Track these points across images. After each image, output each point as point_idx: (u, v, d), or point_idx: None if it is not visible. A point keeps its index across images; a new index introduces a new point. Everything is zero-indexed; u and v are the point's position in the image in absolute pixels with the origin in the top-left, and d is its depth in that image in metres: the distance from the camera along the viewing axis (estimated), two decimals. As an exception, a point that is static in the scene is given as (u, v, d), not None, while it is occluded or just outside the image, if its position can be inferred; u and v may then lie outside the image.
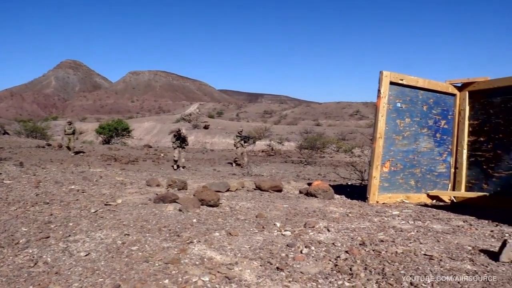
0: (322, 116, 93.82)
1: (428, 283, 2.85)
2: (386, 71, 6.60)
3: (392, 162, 6.82)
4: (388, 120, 6.71)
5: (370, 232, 4.35)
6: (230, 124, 61.80)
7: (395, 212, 5.69)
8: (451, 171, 7.42)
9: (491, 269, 3.18)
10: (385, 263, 3.26)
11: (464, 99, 7.38)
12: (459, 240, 4.10)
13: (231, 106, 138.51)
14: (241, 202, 5.93)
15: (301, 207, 5.76)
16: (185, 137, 16.71)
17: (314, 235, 4.10)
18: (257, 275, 2.95)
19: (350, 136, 48.72)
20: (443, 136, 7.36)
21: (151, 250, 3.44)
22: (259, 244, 3.73)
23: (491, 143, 6.91)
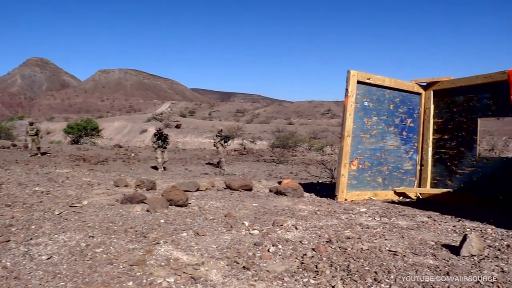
0: (294, 115, 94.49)
1: (391, 279, 2.90)
2: (354, 70, 6.69)
3: (360, 160, 6.94)
4: (355, 118, 6.81)
5: (337, 229, 4.41)
6: (202, 123, 61.48)
7: (362, 209, 5.78)
8: (417, 168, 7.60)
9: (452, 263, 3.27)
10: (351, 259, 3.31)
11: (429, 98, 7.58)
12: (423, 236, 4.20)
13: (204, 105, 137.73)
14: (211, 201, 5.91)
15: (270, 205, 5.78)
16: (167, 136, 16.07)
17: (282, 234, 4.12)
18: (223, 275, 2.94)
19: (321, 135, 49.22)
20: (409, 134, 7.53)
21: (116, 252, 3.38)
22: (226, 243, 3.72)
23: (455, 141, 7.12)
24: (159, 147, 15.35)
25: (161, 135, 15.60)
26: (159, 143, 15.39)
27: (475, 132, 6.87)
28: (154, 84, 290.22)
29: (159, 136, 15.55)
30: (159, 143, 15.38)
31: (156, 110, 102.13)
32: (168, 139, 16.17)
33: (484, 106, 6.76)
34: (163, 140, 15.53)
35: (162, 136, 15.59)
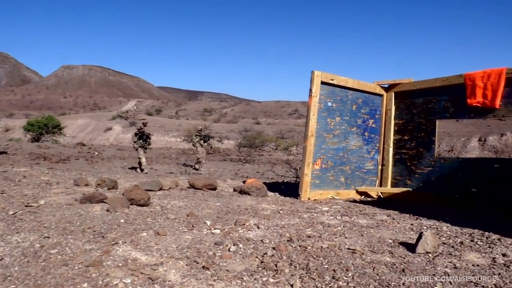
0: (261, 115, 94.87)
1: (349, 276, 2.95)
2: (318, 71, 6.77)
3: (323, 159, 7.03)
4: (319, 119, 6.90)
5: (299, 228, 4.45)
6: (169, 122, 60.76)
7: (324, 208, 5.86)
8: (378, 168, 7.77)
9: (407, 260, 3.36)
10: (310, 258, 3.34)
11: (390, 100, 7.76)
12: (382, 234, 4.30)
13: (170, 103, 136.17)
14: (173, 201, 5.84)
15: (234, 205, 5.77)
16: (149, 135, 14.92)
17: (243, 233, 4.12)
18: (182, 275, 2.91)
19: (288, 135, 49.64)
20: (371, 135, 7.69)
21: (72, 253, 3.28)
22: (187, 243, 3.68)
23: (414, 142, 7.32)
24: (141, 147, 14.32)
25: (142, 134, 14.53)
26: (141, 143, 14.35)
27: (434, 133, 7.09)
28: (119, 81, 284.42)
29: (141, 135, 14.47)
30: (140, 142, 14.34)
31: (122, 108, 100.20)
32: (150, 138, 15.12)
33: (442, 108, 6.98)
34: (144, 140, 14.52)
35: (143, 135, 14.55)
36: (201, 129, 17.60)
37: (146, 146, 14.53)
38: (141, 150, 14.22)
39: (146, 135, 14.59)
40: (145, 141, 14.52)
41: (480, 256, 3.54)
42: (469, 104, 6.48)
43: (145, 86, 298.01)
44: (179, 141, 44.16)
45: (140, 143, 14.33)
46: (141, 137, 14.43)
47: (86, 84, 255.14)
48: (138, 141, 14.35)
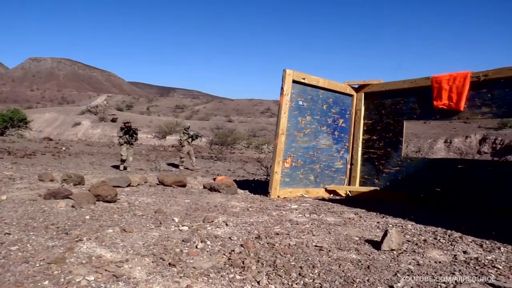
0: (234, 113, 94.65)
1: (315, 273, 2.98)
2: (289, 70, 6.81)
3: (293, 158, 7.07)
4: (290, 117, 6.94)
5: (267, 225, 4.46)
6: (140, 118, 59.82)
7: (293, 206, 5.90)
8: (347, 167, 7.89)
9: (373, 258, 3.41)
10: (278, 255, 3.35)
11: (360, 100, 7.89)
12: (349, 232, 4.36)
13: (142, 99, 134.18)
14: (141, 197, 5.76)
15: (203, 202, 5.74)
16: (136, 130, 14.03)
17: (211, 230, 4.10)
18: (148, 272, 2.87)
19: (260, 133, 49.77)
20: (341, 134, 7.79)
21: (34, 250, 3.18)
22: (154, 240, 3.63)
23: (383, 142, 7.47)
24: (126, 142, 13.48)
25: (129, 129, 13.65)
26: (126, 138, 13.49)
27: (401, 134, 7.26)
28: (89, 75, 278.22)
29: (127, 130, 13.58)
30: (126, 138, 13.49)
31: (91, 103, 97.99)
32: (137, 134, 14.18)
33: (410, 110, 7.15)
34: (131, 135, 13.62)
35: (130, 131, 13.65)
36: (188, 126, 16.78)
37: (132, 142, 13.71)
38: (124, 146, 13.46)
39: (133, 130, 13.79)
40: (131, 136, 13.70)
41: (443, 253, 3.64)
42: (435, 106, 6.66)
43: (116, 81, 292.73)
44: (150, 138, 43.56)
45: (126, 138, 13.57)
46: (127, 132, 13.63)
47: (54, 77, 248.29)
48: (124, 136, 13.58)
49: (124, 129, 13.66)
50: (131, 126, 13.89)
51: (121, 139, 13.60)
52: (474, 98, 6.30)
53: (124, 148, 13.43)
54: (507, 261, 3.42)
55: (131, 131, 13.70)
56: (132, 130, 13.76)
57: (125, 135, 13.59)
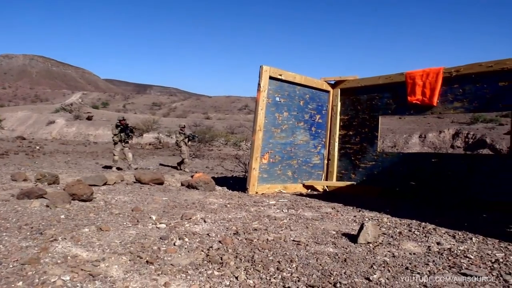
0: (211, 110, 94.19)
1: (293, 267, 3.00)
2: (266, 66, 6.82)
3: (271, 154, 7.10)
4: (267, 113, 6.96)
5: (246, 221, 4.47)
6: (116, 116, 58.91)
7: (271, 201, 5.93)
8: (324, 162, 7.97)
9: (349, 251, 3.47)
10: (256, 250, 3.37)
11: (336, 96, 7.97)
12: (326, 226, 4.41)
13: (118, 96, 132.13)
14: (118, 196, 5.69)
15: (181, 199, 5.71)
16: (133, 128, 13.14)
17: (189, 227, 4.08)
18: (125, 270, 2.84)
19: (238, 130, 49.65)
20: (317, 130, 7.86)
21: (7, 250, 3.11)
22: (131, 238, 3.60)
23: (359, 137, 7.57)
24: (121, 141, 12.56)
25: (125, 126, 12.67)
26: (122, 136, 12.55)
27: (377, 129, 7.37)
28: (63, 72, 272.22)
29: (123, 127, 12.59)
30: (121, 136, 12.55)
31: (66, 101, 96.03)
32: (134, 132, 13.48)
33: (385, 105, 7.26)
34: (127, 133, 12.68)
35: (126, 128, 12.69)
36: (184, 126, 15.86)
37: (127, 140, 12.82)
38: (119, 145, 12.62)
39: (130, 129, 12.87)
40: (127, 135, 12.77)
41: (417, 245, 3.72)
42: (409, 101, 6.78)
43: (91, 78, 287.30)
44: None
45: (121, 136, 12.64)
46: (123, 130, 12.69)
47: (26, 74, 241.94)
48: (119, 134, 12.65)
49: (120, 126, 12.73)
50: (127, 124, 12.99)
51: (116, 137, 12.73)
52: (447, 93, 6.45)
53: (118, 148, 12.64)
54: (478, 251, 3.52)
55: (127, 129, 12.84)
56: (129, 128, 12.91)
57: (120, 133, 12.70)
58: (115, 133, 12.71)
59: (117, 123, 12.81)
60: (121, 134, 12.67)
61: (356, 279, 2.78)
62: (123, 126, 12.71)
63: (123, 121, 12.81)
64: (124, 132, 12.69)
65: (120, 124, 12.72)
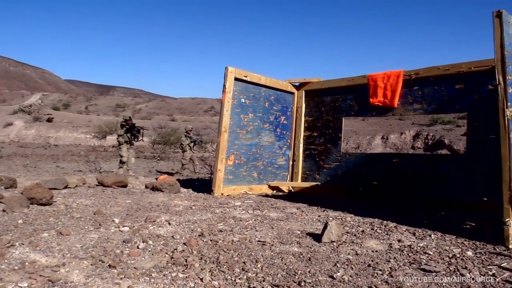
0: (177, 111, 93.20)
1: (258, 267, 3.01)
2: (231, 67, 6.83)
3: (237, 155, 7.11)
4: (232, 114, 6.96)
5: (211, 223, 4.45)
6: (78, 118, 57.43)
7: (237, 203, 5.93)
8: (289, 163, 8.05)
9: (314, 250, 3.51)
10: (221, 251, 3.36)
11: (301, 97, 8.07)
12: (291, 226, 4.45)
13: (80, 98, 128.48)
14: (80, 199, 5.54)
15: (145, 202, 5.62)
16: (140, 129, 12.15)
17: (154, 230, 4.03)
18: (86, 275, 2.77)
19: (204, 132, 49.35)
20: (283, 131, 7.93)
21: (-41, 257, 2.97)
22: (93, 242, 3.51)
23: (323, 138, 7.69)
24: (127, 142, 11.67)
25: (132, 126, 11.75)
26: (128, 137, 11.67)
27: (340, 130, 7.51)
28: (22, 72, 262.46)
29: (129, 127, 11.68)
30: (127, 137, 11.66)
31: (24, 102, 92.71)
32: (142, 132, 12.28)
33: (348, 107, 7.41)
34: (133, 134, 11.79)
35: (133, 129, 11.77)
36: (191, 129, 15.29)
37: (133, 142, 11.89)
38: (125, 146, 11.69)
39: (137, 129, 11.97)
40: (134, 135, 11.83)
41: (379, 242, 3.82)
42: (371, 103, 6.95)
43: (52, 79, 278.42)
44: (89, 138, 41.96)
45: (127, 137, 11.73)
46: (129, 130, 11.76)
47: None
48: (125, 135, 11.72)
49: (126, 126, 11.79)
50: (134, 124, 12.04)
51: (121, 138, 11.76)
52: (407, 95, 6.65)
53: (125, 148, 11.69)
54: (437, 247, 3.65)
55: (133, 129, 11.86)
56: (136, 128, 11.93)
57: (126, 134, 11.75)
58: (120, 134, 11.77)
59: (122, 123, 11.88)
60: (127, 135, 11.75)
61: (320, 278, 2.82)
62: (130, 126, 11.77)
63: (129, 120, 11.88)
64: (130, 133, 11.77)
65: (125, 124, 11.78)
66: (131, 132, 11.76)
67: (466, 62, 6.00)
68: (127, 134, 11.73)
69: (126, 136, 11.71)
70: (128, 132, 11.74)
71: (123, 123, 11.80)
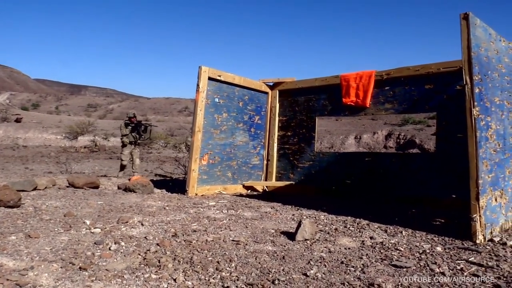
0: (150, 112, 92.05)
1: (232, 267, 3.01)
2: (205, 67, 6.79)
3: (210, 155, 7.07)
4: (206, 114, 6.92)
5: (185, 223, 4.42)
6: (48, 118, 55.97)
7: (211, 203, 5.90)
8: (264, 163, 8.06)
9: (288, 248, 3.53)
10: (195, 251, 3.34)
11: (275, 97, 8.10)
12: (265, 225, 4.46)
13: (50, 97, 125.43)
14: (49, 201, 5.40)
15: (117, 203, 5.53)
16: (147, 126, 10.86)
17: (126, 231, 3.97)
18: (56, 278, 2.70)
19: (178, 132, 48.95)
20: (257, 131, 7.94)
21: None
22: (63, 244, 3.43)
23: (297, 137, 7.74)
24: (132, 142, 10.49)
25: (138, 124, 10.53)
26: (133, 137, 10.48)
27: (314, 130, 7.57)
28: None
29: (135, 126, 10.47)
30: (132, 137, 10.46)
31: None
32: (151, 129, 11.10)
33: (321, 106, 7.48)
34: (139, 132, 10.56)
35: (139, 127, 10.53)
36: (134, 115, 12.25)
37: (138, 142, 10.69)
38: (128, 148, 10.49)
39: (144, 126, 10.73)
40: (139, 134, 10.57)
41: (352, 240, 3.87)
42: (344, 103, 7.03)
43: (20, 78, 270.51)
44: (59, 139, 40.94)
45: (132, 137, 10.51)
46: (135, 129, 10.55)
47: None
48: (131, 134, 10.48)
49: (130, 125, 10.55)
50: (140, 121, 10.86)
51: (126, 138, 10.49)
52: (379, 95, 6.76)
53: (127, 151, 10.48)
54: (408, 243, 3.73)
55: (139, 127, 10.62)
56: (143, 126, 10.67)
57: (131, 133, 10.54)
58: (125, 133, 10.50)
59: (126, 121, 10.61)
60: (132, 134, 10.54)
61: (294, 275, 2.84)
62: (135, 124, 10.57)
63: (133, 118, 10.71)
64: (136, 131, 10.56)
65: (130, 122, 10.56)
66: (137, 130, 10.63)
67: (435, 63, 6.15)
68: (132, 133, 10.59)
69: (131, 135, 10.56)
70: (134, 131, 10.61)
71: (127, 122, 10.63)
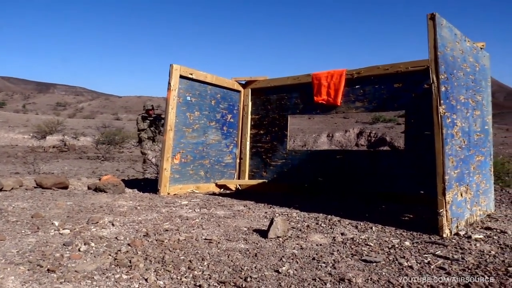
0: (122, 110, 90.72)
1: (205, 265, 3.01)
2: (176, 65, 6.74)
3: (183, 154, 7.03)
4: (178, 113, 6.88)
5: (157, 223, 4.38)
6: (14, 117, 54.32)
7: (184, 202, 5.87)
8: (236, 161, 8.07)
9: (260, 246, 3.55)
10: (167, 251, 3.32)
11: (247, 96, 8.11)
12: (238, 223, 4.47)
13: (16, 96, 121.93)
14: (16, 202, 5.26)
15: (87, 203, 5.43)
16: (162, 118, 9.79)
17: (96, 231, 3.90)
18: (23, 281, 2.64)
19: (150, 131, 48.40)
20: (229, 129, 7.94)
21: None
22: (30, 246, 3.35)
23: (269, 136, 7.77)
24: (150, 138, 9.81)
25: (157, 118, 9.86)
26: (152, 132, 9.79)
27: (286, 128, 7.63)
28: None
29: (153, 119, 9.78)
30: (151, 131, 9.77)
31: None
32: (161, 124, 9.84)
33: (293, 105, 7.54)
34: (157, 127, 9.85)
35: (158, 121, 9.82)
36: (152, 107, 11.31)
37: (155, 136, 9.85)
38: (148, 142, 9.77)
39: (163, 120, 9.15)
40: (158, 128, 9.81)
41: (323, 236, 3.93)
42: (315, 101, 7.11)
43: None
44: (27, 138, 39.79)
45: (151, 132, 9.83)
46: (153, 123, 9.85)
47: None
48: (149, 129, 9.79)
49: (149, 118, 9.88)
50: (160, 114, 10.09)
51: (143, 133, 9.86)
52: (349, 94, 6.87)
53: (148, 145, 9.75)
54: (378, 238, 3.81)
55: (158, 120, 9.86)
56: (162, 120, 9.55)
57: (149, 128, 9.87)
58: (143, 128, 9.80)
59: (144, 114, 9.87)
60: (150, 129, 9.81)
61: (266, 272, 2.86)
62: (154, 118, 9.80)
63: (151, 110, 9.92)
64: (155, 126, 9.79)
65: (147, 115, 9.80)
66: (155, 124, 9.89)
67: (404, 62, 6.29)
68: (150, 128, 9.87)
69: (149, 130, 9.86)
70: (152, 126, 9.90)
71: (145, 115, 9.93)
